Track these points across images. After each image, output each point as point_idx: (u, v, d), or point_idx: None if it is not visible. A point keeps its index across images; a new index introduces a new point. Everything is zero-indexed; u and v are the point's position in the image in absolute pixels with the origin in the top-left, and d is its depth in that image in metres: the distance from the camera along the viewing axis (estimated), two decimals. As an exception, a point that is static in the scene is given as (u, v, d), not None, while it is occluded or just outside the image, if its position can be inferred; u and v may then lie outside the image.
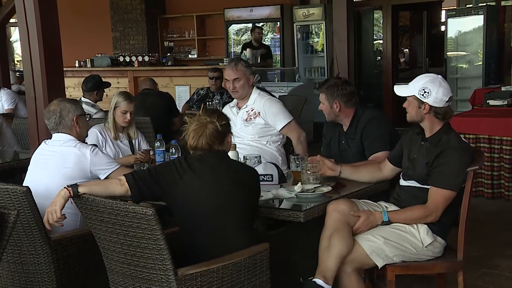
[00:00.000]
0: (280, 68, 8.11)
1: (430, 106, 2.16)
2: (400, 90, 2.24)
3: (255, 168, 2.27)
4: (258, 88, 3.25)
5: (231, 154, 2.47)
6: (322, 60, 8.26)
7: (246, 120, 3.09)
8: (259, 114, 3.07)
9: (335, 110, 2.69)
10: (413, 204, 2.18)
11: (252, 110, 3.10)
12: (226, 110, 3.20)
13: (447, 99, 2.15)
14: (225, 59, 6.34)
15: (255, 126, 3.06)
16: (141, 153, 3.02)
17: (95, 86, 4.38)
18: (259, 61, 7.17)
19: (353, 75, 6.33)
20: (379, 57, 7.97)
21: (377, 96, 7.61)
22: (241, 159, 2.64)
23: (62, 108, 2.42)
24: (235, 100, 3.21)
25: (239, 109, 3.13)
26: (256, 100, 3.09)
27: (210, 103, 5.17)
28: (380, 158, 2.53)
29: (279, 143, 3.13)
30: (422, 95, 2.16)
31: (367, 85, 7.80)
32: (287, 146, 3.17)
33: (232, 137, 2.06)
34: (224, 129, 1.99)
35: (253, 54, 6.78)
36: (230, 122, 1.87)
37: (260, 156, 2.62)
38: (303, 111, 5.48)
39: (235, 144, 2.72)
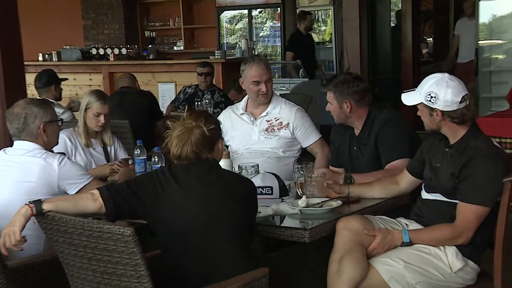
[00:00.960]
0: (280, 62, 8.13)
1: (442, 111, 2.18)
2: (407, 98, 2.25)
3: (252, 179, 2.27)
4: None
5: (223, 163, 2.47)
6: (330, 52, 8.28)
7: (267, 130, 3.09)
8: (287, 126, 3.11)
9: (345, 110, 2.70)
10: (438, 221, 2.18)
11: (276, 120, 3.10)
12: (227, 115, 3.20)
13: (459, 100, 2.15)
14: (216, 52, 6.34)
15: (280, 139, 3.07)
16: (118, 163, 3.01)
17: (51, 80, 4.28)
18: (256, 54, 7.19)
19: (366, 69, 6.36)
20: (397, 48, 8.02)
21: (395, 94, 7.62)
22: (235, 169, 2.65)
23: (27, 113, 2.38)
24: (241, 104, 3.21)
25: (255, 116, 3.13)
26: (283, 109, 3.11)
27: (199, 103, 5.19)
28: (398, 167, 2.54)
29: (296, 159, 3.16)
30: (430, 100, 2.17)
31: (383, 82, 7.83)
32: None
33: (224, 143, 2.08)
34: (213, 134, 2.00)
35: (249, 47, 6.81)
36: (235, 131, 1.86)
37: (257, 165, 2.63)
38: (308, 112, 5.51)
39: (228, 152, 2.72)
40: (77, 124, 3.22)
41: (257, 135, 3.10)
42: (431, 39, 8.35)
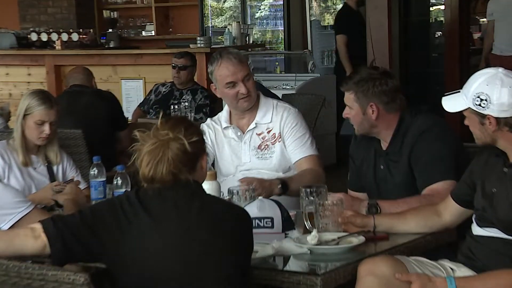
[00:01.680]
0: (283, 52, 8.21)
1: (496, 118, 2.20)
2: (450, 103, 2.27)
3: (246, 207, 2.29)
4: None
5: (208, 186, 2.49)
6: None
7: (260, 148, 3.14)
8: (280, 137, 3.14)
9: (370, 117, 2.73)
10: (495, 265, 2.18)
11: (269, 132, 3.14)
12: (211, 127, 3.22)
13: None
14: (198, 38, 6.39)
15: (277, 157, 3.11)
16: (61, 185, 3.01)
17: None
18: (251, 41, 7.26)
19: (396, 62, 6.33)
20: (439, 33, 8.06)
21: (435, 94, 7.70)
22: (224, 194, 2.67)
23: None
24: (223, 115, 3.24)
25: (242, 130, 3.17)
26: (276, 114, 3.15)
27: (176, 106, 5.22)
28: (439, 192, 2.57)
29: None
30: (479, 105, 2.20)
31: (420, 77, 7.86)
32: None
33: (208, 160, 2.10)
34: (196, 148, 2.02)
35: (242, 32, 6.87)
36: (220, 150, 1.87)
37: (253, 189, 2.66)
38: (319, 118, 5.54)
39: (215, 172, 2.75)
40: (12, 135, 3.23)
41: (248, 155, 3.13)
42: (484, 19, 8.19)
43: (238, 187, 2.66)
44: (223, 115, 3.23)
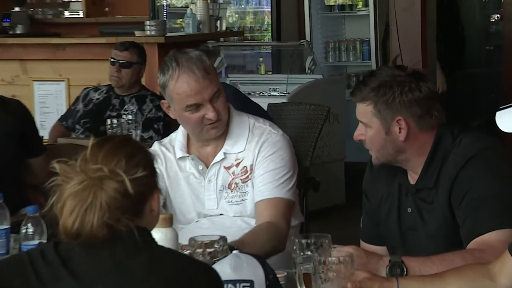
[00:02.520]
0: (271, 44, 8.25)
1: None
2: (506, 119, 2.30)
3: (215, 266, 2.31)
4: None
5: (161, 235, 2.51)
6: (364, 24, 8.42)
7: (229, 188, 3.20)
8: (251, 171, 3.19)
9: (397, 138, 2.77)
10: None
11: (238, 165, 3.22)
12: (159, 157, 3.25)
13: None
14: (148, 23, 6.43)
15: (252, 200, 3.18)
16: None
17: None
18: (223, 28, 7.29)
19: (432, 59, 6.31)
20: (497, 16, 8.15)
21: (489, 104, 7.78)
22: (183, 248, 2.69)
23: None
24: (178, 140, 3.28)
25: (206, 163, 3.23)
26: (250, 139, 3.23)
27: (114, 121, 5.21)
28: (493, 246, 2.61)
29: (298, 229, 3.28)
30: None
31: (467, 82, 7.96)
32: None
33: (163, 199, 2.12)
34: (143, 187, 2.03)
35: (211, 14, 6.90)
36: (175, 190, 1.84)
37: (225, 238, 2.67)
38: (322, 138, 5.58)
39: (170, 215, 2.77)
40: None
41: (214, 199, 3.19)
42: None
43: (204, 236, 2.68)
44: (178, 139, 3.27)
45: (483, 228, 2.66)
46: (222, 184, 3.19)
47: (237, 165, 3.19)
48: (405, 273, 2.56)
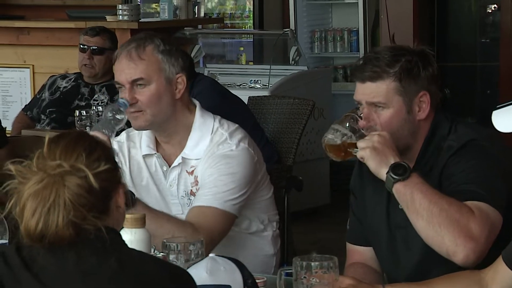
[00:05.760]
0: (252, 32, 8.26)
1: None
2: (505, 119, 2.32)
3: (190, 269, 2.32)
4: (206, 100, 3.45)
5: (130, 236, 2.50)
6: (353, 13, 8.44)
7: (192, 195, 3.24)
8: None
9: (415, 118, 2.78)
10: None
11: (192, 172, 3.24)
12: (120, 151, 3.29)
13: None
14: (120, 7, 6.41)
15: None
16: None
17: None
18: (202, 14, 7.29)
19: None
20: (494, 6, 8.19)
21: (484, 100, 7.80)
22: (155, 251, 2.69)
23: None
24: (145, 134, 3.30)
25: (168, 163, 3.27)
26: (210, 144, 3.24)
27: (83, 112, 5.18)
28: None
29: (273, 234, 3.30)
30: None
31: (461, 76, 7.99)
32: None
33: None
34: (107, 180, 2.03)
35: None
36: (142, 189, 1.84)
37: (202, 241, 2.67)
38: (306, 134, 5.57)
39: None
40: None
41: (179, 205, 3.24)
42: None
43: (179, 238, 2.68)
44: (146, 133, 3.29)
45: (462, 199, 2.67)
46: (184, 189, 3.23)
47: (191, 172, 3.22)
48: None
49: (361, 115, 2.75)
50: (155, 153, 3.26)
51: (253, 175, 3.24)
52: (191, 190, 3.21)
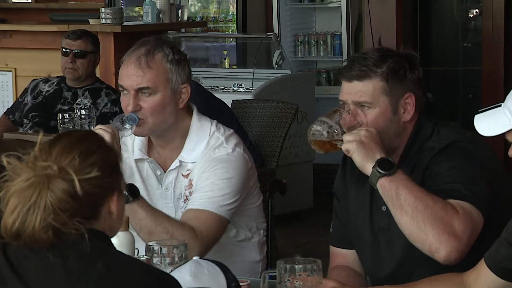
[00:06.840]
0: (236, 36, 8.26)
1: None
2: (486, 123, 2.32)
3: (173, 273, 2.33)
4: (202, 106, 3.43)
5: (115, 239, 2.50)
6: (336, 17, 8.47)
7: (187, 200, 3.23)
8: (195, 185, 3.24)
9: (400, 120, 2.81)
10: None
11: (186, 176, 3.24)
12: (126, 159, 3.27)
13: None
14: (103, 11, 6.40)
15: None
16: None
17: None
18: (185, 18, 7.28)
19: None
20: (475, 11, 8.23)
21: (467, 102, 7.81)
22: (140, 253, 2.70)
23: None
24: (138, 138, 3.30)
25: (164, 168, 3.27)
26: (206, 148, 3.24)
27: (66, 115, 5.17)
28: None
29: (257, 238, 3.33)
30: None
31: (444, 80, 8.01)
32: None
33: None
34: (96, 188, 2.01)
35: (172, 2, 6.89)
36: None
37: (185, 244, 2.68)
38: (289, 138, 5.58)
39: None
40: None
41: (172, 208, 3.23)
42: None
43: (162, 241, 2.69)
44: (138, 137, 3.28)
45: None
46: (180, 192, 3.23)
47: (186, 175, 3.22)
48: None
49: (349, 110, 2.76)
50: (147, 158, 3.26)
51: (247, 181, 3.25)
52: (184, 193, 3.21)
